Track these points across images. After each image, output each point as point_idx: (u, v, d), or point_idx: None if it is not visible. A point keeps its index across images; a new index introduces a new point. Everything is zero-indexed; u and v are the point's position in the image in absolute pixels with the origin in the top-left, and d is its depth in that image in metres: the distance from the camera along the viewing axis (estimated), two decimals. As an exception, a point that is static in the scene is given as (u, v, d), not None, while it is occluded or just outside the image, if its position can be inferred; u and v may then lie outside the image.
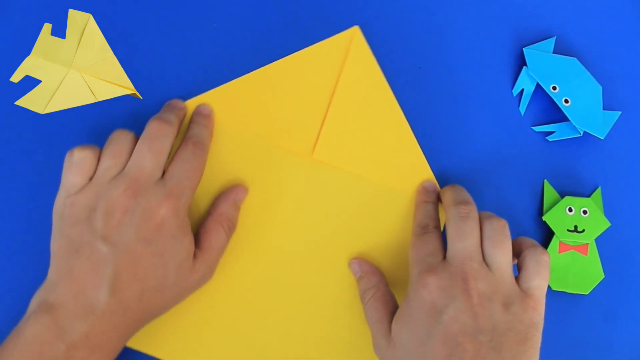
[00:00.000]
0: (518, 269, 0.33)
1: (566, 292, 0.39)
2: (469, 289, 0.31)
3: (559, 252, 0.39)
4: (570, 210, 0.39)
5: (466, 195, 0.36)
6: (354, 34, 0.40)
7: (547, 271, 0.33)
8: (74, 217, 0.34)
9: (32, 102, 0.38)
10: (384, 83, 0.39)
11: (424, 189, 0.39)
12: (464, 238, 0.33)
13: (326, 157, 0.39)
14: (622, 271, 0.40)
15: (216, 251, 0.36)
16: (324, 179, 0.39)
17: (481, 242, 0.33)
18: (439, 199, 0.38)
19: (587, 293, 0.39)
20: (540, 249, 0.33)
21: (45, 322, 0.32)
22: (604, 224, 0.39)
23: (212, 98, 0.39)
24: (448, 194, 0.36)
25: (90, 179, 0.35)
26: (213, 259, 0.36)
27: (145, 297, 0.33)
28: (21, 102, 0.39)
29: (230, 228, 0.37)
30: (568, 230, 0.39)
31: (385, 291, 0.36)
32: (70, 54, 0.36)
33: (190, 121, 0.39)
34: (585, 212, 0.39)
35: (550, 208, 0.40)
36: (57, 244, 0.34)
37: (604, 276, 0.39)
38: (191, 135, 0.37)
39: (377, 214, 0.39)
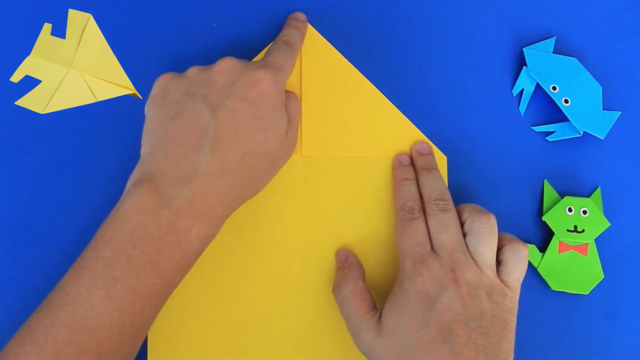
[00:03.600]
0: (498, 261, 0.35)
1: (566, 292, 0.39)
2: (457, 279, 0.33)
3: (559, 252, 0.39)
4: (570, 210, 0.39)
5: (442, 186, 0.37)
6: None
7: (525, 265, 0.35)
8: (173, 90, 0.34)
9: (32, 102, 0.38)
10: (345, 61, 0.40)
11: (400, 164, 0.39)
12: (446, 229, 0.34)
13: (315, 150, 0.39)
14: (622, 271, 0.40)
15: (296, 119, 0.37)
16: (320, 171, 0.39)
17: (466, 234, 0.35)
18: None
19: (587, 293, 0.39)
20: (520, 244, 0.35)
21: (146, 191, 0.31)
22: (604, 224, 0.39)
23: None
24: (426, 184, 0.37)
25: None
26: (295, 127, 0.37)
27: (246, 161, 0.33)
28: (21, 102, 0.39)
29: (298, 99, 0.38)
30: (568, 230, 0.39)
31: (363, 287, 0.36)
32: (70, 54, 0.36)
33: (285, 25, 0.40)
34: (585, 212, 0.39)
35: (550, 208, 0.40)
36: (151, 118, 0.34)
37: (603, 276, 0.39)
38: (283, 34, 0.38)
39: (380, 186, 0.39)
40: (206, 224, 0.32)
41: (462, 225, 0.35)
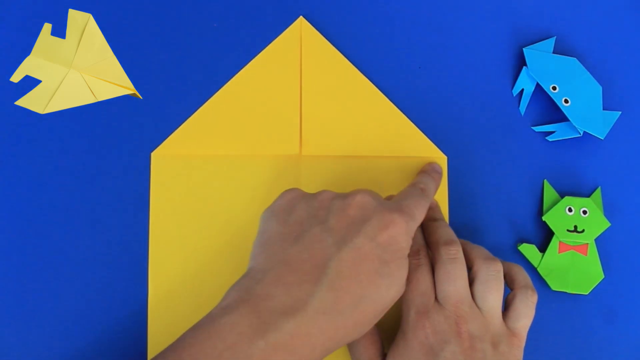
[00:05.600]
0: (506, 306, 0.34)
1: (566, 292, 0.39)
2: (461, 332, 0.32)
3: (559, 252, 0.39)
4: (570, 210, 0.39)
5: (450, 232, 0.36)
6: (301, 24, 0.41)
7: (533, 311, 0.34)
8: (300, 209, 0.32)
9: (32, 102, 0.38)
10: (345, 61, 0.40)
11: None
12: (454, 281, 0.33)
13: (315, 149, 0.39)
14: (622, 271, 0.40)
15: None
16: (321, 171, 0.39)
17: (473, 281, 0.34)
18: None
19: (587, 293, 0.39)
20: (530, 290, 0.34)
21: (247, 312, 0.28)
22: (604, 224, 0.39)
23: (188, 128, 0.40)
24: (433, 231, 0.36)
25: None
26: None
27: (361, 306, 0.30)
28: (21, 102, 0.39)
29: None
30: (568, 230, 0.39)
31: (373, 330, 0.35)
32: (70, 54, 0.36)
33: (422, 171, 0.38)
34: (585, 212, 0.39)
35: (550, 208, 0.40)
36: (270, 233, 0.31)
37: (603, 276, 0.39)
38: (419, 180, 0.36)
39: (380, 186, 0.39)
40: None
41: (468, 270, 0.34)
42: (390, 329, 0.36)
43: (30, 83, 0.39)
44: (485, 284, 0.33)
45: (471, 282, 0.34)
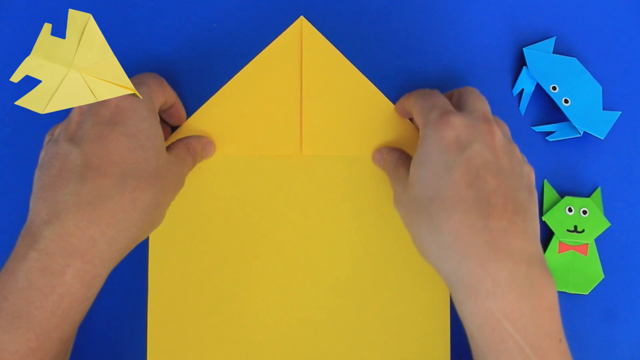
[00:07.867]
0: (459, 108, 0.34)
1: (566, 292, 0.39)
2: (493, 131, 0.31)
3: (559, 252, 0.39)
4: (570, 210, 0.39)
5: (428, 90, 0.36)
6: (302, 24, 0.40)
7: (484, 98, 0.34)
8: (45, 150, 0.32)
9: (32, 102, 0.38)
10: (345, 61, 0.40)
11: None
12: (481, 100, 0.33)
13: (316, 149, 0.39)
14: (622, 271, 0.40)
15: (185, 169, 0.35)
16: (322, 171, 0.39)
17: (460, 107, 0.34)
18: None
19: (587, 293, 0.39)
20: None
21: (20, 237, 0.29)
22: (604, 224, 0.39)
23: (188, 129, 0.40)
24: (412, 99, 0.36)
25: None
26: (184, 171, 0.35)
27: (129, 185, 0.29)
28: (21, 102, 0.39)
29: (195, 160, 0.37)
30: (568, 230, 0.39)
31: (407, 157, 0.36)
32: (70, 54, 0.36)
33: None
34: (585, 212, 0.39)
35: (550, 208, 0.40)
36: (34, 183, 0.31)
37: (603, 276, 0.39)
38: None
39: (381, 186, 0.39)
40: (85, 261, 0.28)
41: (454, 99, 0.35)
42: (386, 284, 0.37)
43: (30, 83, 0.39)
44: (474, 92, 0.34)
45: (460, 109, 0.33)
